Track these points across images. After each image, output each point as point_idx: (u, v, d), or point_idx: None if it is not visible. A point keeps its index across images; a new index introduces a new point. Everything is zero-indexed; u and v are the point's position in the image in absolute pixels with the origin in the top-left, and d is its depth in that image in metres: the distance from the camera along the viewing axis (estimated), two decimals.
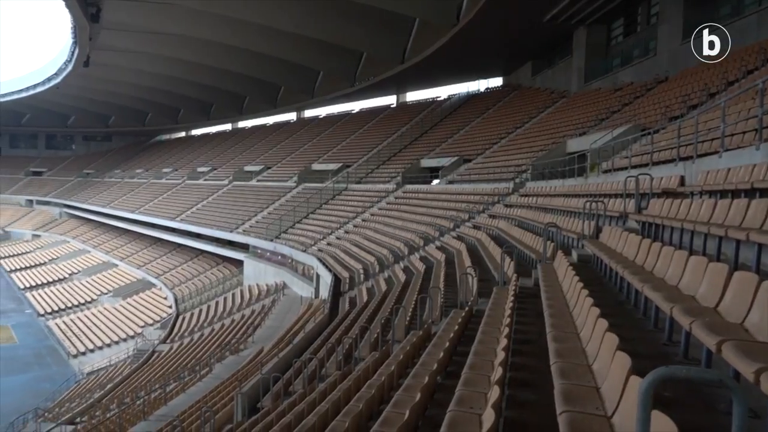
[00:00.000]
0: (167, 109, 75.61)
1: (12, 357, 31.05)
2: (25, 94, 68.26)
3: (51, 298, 43.24)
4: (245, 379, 12.78)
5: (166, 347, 28.11)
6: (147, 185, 65.25)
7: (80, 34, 40.00)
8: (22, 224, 77.73)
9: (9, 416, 22.66)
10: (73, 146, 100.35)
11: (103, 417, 18.04)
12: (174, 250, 49.48)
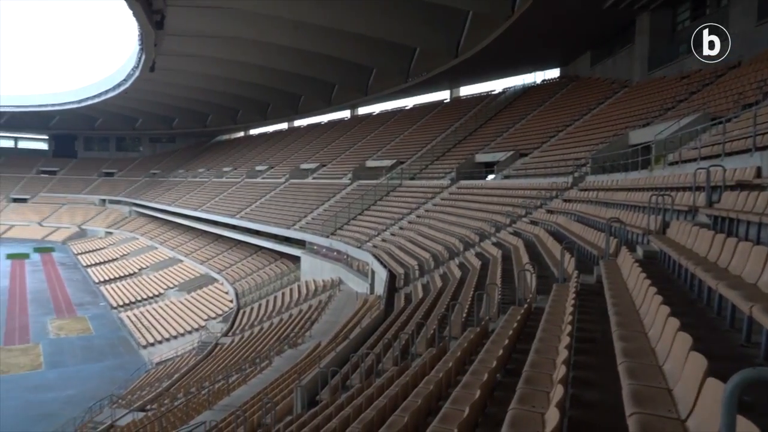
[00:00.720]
0: (226, 110, 78.23)
1: (89, 346, 33.14)
2: (98, 99, 72.40)
3: (123, 291, 45.79)
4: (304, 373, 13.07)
5: (228, 340, 29.14)
6: (209, 184, 67.81)
7: (146, 41, 41.97)
8: (97, 222, 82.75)
9: (87, 401, 24.24)
10: (141, 148, 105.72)
11: (171, 405, 18.94)
12: (234, 246, 51.21)
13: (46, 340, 33.82)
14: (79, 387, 26.77)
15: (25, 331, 35.21)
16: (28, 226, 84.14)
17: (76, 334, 35.40)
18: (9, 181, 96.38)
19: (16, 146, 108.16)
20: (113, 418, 20.56)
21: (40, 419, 23.06)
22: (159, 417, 16.86)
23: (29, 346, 32.50)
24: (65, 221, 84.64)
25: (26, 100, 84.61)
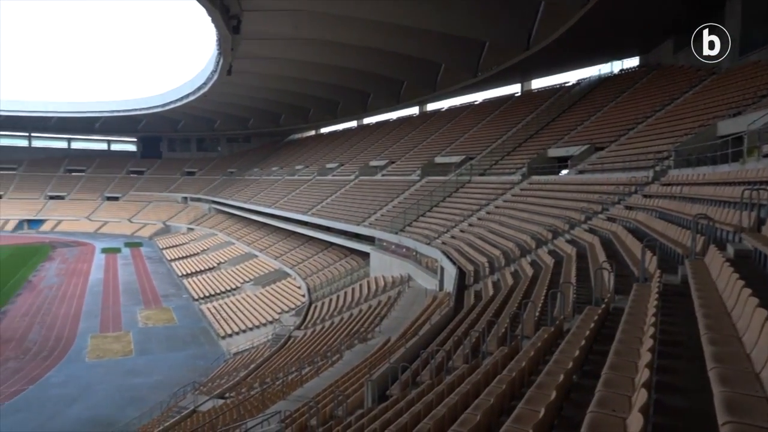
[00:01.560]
0: (298, 110, 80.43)
1: (173, 336, 35.27)
2: (180, 103, 76.65)
3: (203, 284, 48.34)
4: (374, 367, 13.25)
5: (301, 333, 30.03)
6: (282, 182, 70.08)
7: (224, 46, 43.93)
8: (179, 219, 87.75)
9: (172, 387, 25.84)
10: (219, 148, 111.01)
11: (248, 394, 19.80)
12: (306, 242, 52.66)
13: (136, 328, 36.35)
14: (164, 373, 28.57)
15: (117, 320, 38.03)
16: (119, 222, 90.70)
17: (162, 324, 37.78)
18: (103, 181, 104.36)
19: (109, 148, 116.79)
20: (195, 403, 21.76)
21: (131, 402, 24.83)
22: (237, 405, 17.68)
23: (121, 333, 35.07)
24: (152, 218, 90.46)
25: (117, 106, 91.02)
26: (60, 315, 38.57)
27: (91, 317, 38.30)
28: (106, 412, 23.67)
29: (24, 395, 25.08)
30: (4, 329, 34.71)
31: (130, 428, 21.88)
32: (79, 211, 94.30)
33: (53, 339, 33.25)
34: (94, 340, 33.29)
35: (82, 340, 33.17)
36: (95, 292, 45.95)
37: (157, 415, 22.76)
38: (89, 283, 49.40)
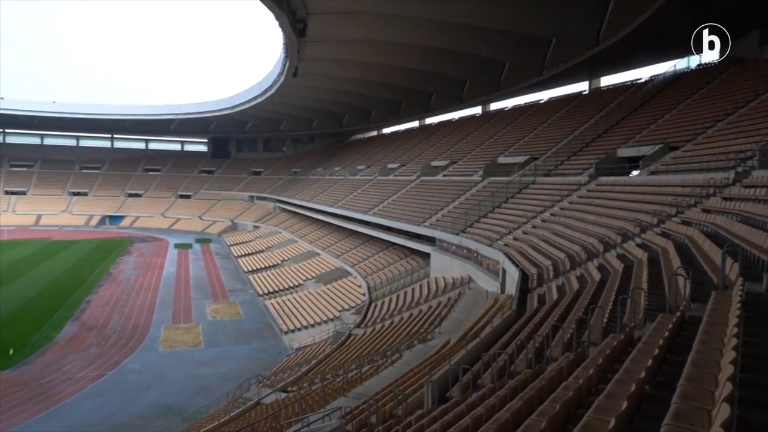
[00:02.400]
0: (361, 111, 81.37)
1: (239, 329, 36.62)
2: (248, 105, 79.47)
3: (267, 281, 49.88)
4: (434, 368, 13.21)
5: (361, 331, 30.37)
6: (344, 182, 71.15)
7: (290, 49, 45.14)
8: (246, 217, 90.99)
9: (237, 378, 26.85)
10: (284, 148, 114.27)
11: (309, 389, 20.26)
12: (367, 241, 53.20)
13: (205, 321, 38.02)
14: (231, 365, 29.72)
15: (188, 313, 39.93)
16: (191, 219, 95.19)
17: (229, 317, 39.31)
18: (176, 180, 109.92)
19: (182, 149, 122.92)
20: (259, 395, 22.50)
21: (200, 391, 26.00)
22: (299, 399, 18.13)
23: (191, 325, 36.79)
24: (220, 215, 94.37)
25: (190, 108, 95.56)
26: (136, 306, 40.99)
27: (165, 309, 40.43)
28: (177, 400, 24.91)
29: (105, 379, 26.84)
30: (87, 317, 37.30)
31: (199, 416, 22.91)
32: (155, 209, 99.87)
33: (130, 328, 35.38)
34: (166, 331, 35.13)
35: (156, 330, 35.09)
36: (168, 285, 48.47)
37: (223, 405, 23.72)
38: (163, 277, 52.18)
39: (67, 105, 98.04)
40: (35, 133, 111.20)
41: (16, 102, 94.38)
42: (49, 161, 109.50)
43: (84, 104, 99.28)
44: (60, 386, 25.76)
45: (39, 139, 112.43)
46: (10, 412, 22.82)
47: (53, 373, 27.35)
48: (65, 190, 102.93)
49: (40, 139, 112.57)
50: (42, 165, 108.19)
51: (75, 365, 28.52)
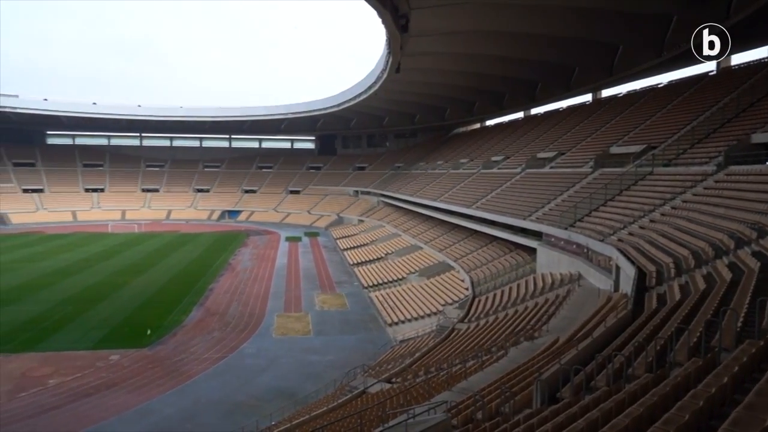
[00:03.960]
0: (463, 103, 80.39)
1: (345, 320, 37.90)
2: (353, 102, 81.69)
3: (372, 273, 51.09)
4: (543, 367, 12.76)
5: (464, 326, 30.12)
6: (446, 175, 70.79)
7: (393, 45, 45.66)
8: (351, 211, 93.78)
9: (344, 367, 27.84)
10: (387, 143, 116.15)
11: (413, 381, 20.47)
12: (470, 236, 52.55)
13: (313, 311, 39.81)
14: (337, 354, 30.87)
15: (298, 302, 42.05)
16: (300, 213, 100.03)
17: (336, 308, 40.83)
18: (286, 176, 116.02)
19: (292, 147, 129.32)
20: (365, 385, 23.14)
21: (309, 377, 27.30)
22: (403, 390, 18.40)
23: (301, 314, 38.71)
24: (327, 210, 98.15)
25: (299, 108, 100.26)
26: (252, 294, 43.92)
27: (277, 298, 42.92)
28: (289, 384, 26.37)
29: (225, 361, 29.10)
30: (210, 304, 40.62)
31: (309, 400, 24.08)
32: (268, 203, 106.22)
33: (247, 315, 37.99)
34: (279, 319, 37.27)
35: (270, 318, 37.37)
36: (280, 276, 51.38)
37: (331, 392, 24.72)
38: (275, 268, 55.41)
39: (192, 110, 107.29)
40: (166, 136, 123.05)
41: (150, 108, 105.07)
42: (178, 161, 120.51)
43: (207, 108, 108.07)
44: (188, 365, 28.34)
45: (169, 141, 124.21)
46: (149, 386, 25.52)
47: (183, 353, 30.15)
48: (191, 187, 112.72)
49: (170, 142, 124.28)
50: (171, 165, 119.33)
51: (200, 347, 31.22)
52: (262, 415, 21.94)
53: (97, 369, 27.29)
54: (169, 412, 22.83)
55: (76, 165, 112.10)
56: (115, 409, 22.95)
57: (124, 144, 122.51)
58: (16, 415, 22.30)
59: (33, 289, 43.58)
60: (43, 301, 39.59)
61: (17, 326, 33.65)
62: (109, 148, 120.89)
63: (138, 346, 30.83)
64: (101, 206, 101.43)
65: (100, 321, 35.19)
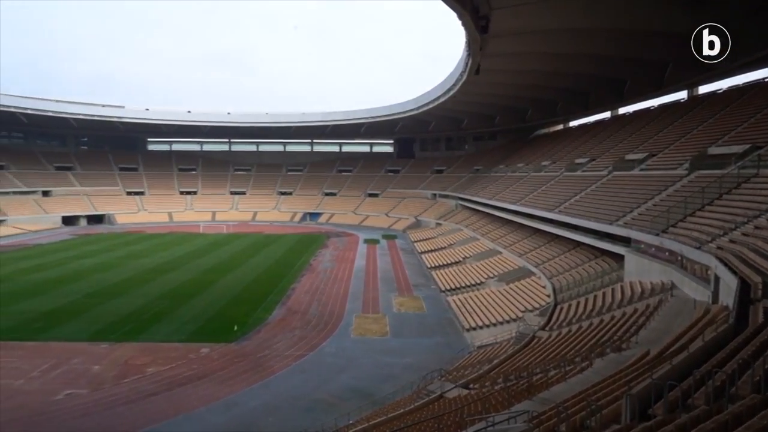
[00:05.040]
0: (545, 104, 77.99)
1: (422, 323, 37.88)
2: (432, 105, 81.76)
3: (449, 277, 50.73)
4: (632, 381, 12.06)
5: (545, 334, 29.13)
6: (527, 178, 68.90)
7: (472, 46, 45.18)
8: (429, 214, 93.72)
9: (420, 370, 27.79)
10: (466, 146, 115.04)
11: (492, 388, 20.08)
12: (552, 240, 50.79)
13: (391, 313, 40.13)
14: (414, 357, 30.89)
15: (375, 304, 42.56)
16: (378, 216, 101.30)
17: (413, 311, 40.91)
18: (365, 179, 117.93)
19: (371, 150, 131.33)
20: (442, 389, 22.98)
21: (386, 378, 27.52)
22: (481, 397, 18.10)
23: (378, 316, 39.14)
24: (405, 213, 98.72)
25: (378, 112, 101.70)
26: (332, 294, 45.02)
27: (355, 299, 43.70)
28: (367, 384, 26.73)
29: (306, 359, 30.02)
30: (292, 303, 42.10)
31: (386, 402, 24.28)
32: (347, 206, 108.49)
33: (327, 314, 38.98)
34: (357, 319, 37.91)
35: (348, 318, 38.11)
36: (359, 278, 52.28)
37: (408, 394, 24.77)
38: (354, 269, 56.46)
39: (276, 116, 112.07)
40: (252, 141, 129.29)
41: (238, 116, 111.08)
42: (263, 165, 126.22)
43: (291, 114, 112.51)
44: (271, 361, 29.52)
45: (255, 146, 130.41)
46: (235, 379, 26.86)
47: (266, 349, 31.46)
48: (275, 190, 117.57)
49: (256, 147, 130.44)
50: (257, 169, 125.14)
51: (283, 344, 32.42)
52: (340, 413, 22.39)
53: (189, 360, 29.10)
54: (254, 405, 23.88)
55: (173, 169, 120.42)
56: (205, 399, 24.34)
57: (215, 149, 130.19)
58: (120, 398, 24.27)
59: (135, 284, 47.27)
60: (143, 296, 42.86)
61: (122, 318, 36.63)
62: (201, 153, 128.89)
63: (225, 340, 32.53)
64: (194, 208, 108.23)
65: (193, 316, 37.51)
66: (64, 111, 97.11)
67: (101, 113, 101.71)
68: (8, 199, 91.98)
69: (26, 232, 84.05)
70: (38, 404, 23.53)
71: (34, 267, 54.54)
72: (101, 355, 29.72)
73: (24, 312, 37.64)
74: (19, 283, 46.97)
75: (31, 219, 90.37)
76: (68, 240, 77.37)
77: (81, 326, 34.63)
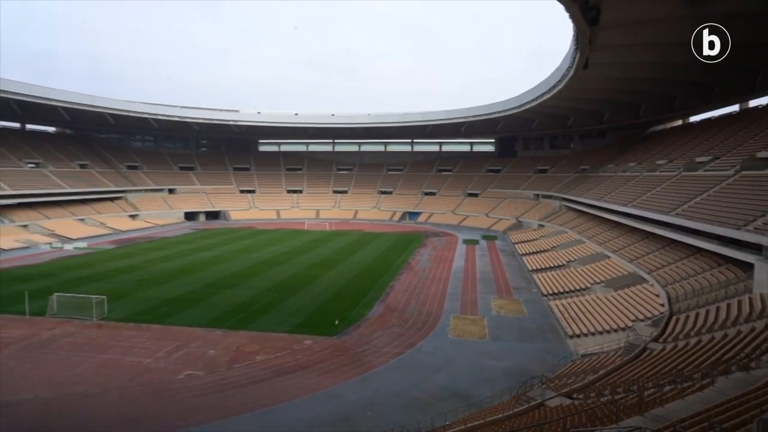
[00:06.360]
0: (662, 98, 72.37)
1: (522, 327, 36.80)
2: (535, 103, 79.05)
3: (552, 281, 48.78)
4: (764, 404, 10.89)
5: (658, 346, 27.08)
6: (639, 178, 64.38)
7: (581, 39, 43.05)
8: (531, 215, 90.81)
9: (520, 376, 27.04)
10: (571, 145, 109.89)
11: (597, 400, 19.04)
12: (667, 246, 47.03)
13: (489, 315, 39.41)
14: (514, 361, 30.10)
15: (474, 305, 42.02)
16: (478, 216, 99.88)
17: (513, 314, 39.87)
18: (465, 179, 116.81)
19: (471, 150, 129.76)
20: (543, 397, 22.18)
21: (483, 381, 27.08)
22: (586, 408, 17.24)
23: (477, 318, 38.61)
24: (505, 213, 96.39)
25: (479, 111, 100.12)
26: (430, 294, 45.12)
27: (453, 299, 43.45)
28: (464, 386, 26.49)
29: (403, 357, 30.37)
30: (391, 300, 42.78)
31: (483, 405, 23.90)
32: (446, 206, 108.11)
33: (425, 314, 39.15)
34: (455, 320, 37.67)
35: (446, 318, 38.00)
36: (457, 278, 51.92)
37: (506, 399, 24.21)
38: (452, 270, 56.16)
39: (378, 116, 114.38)
40: (355, 142, 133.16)
41: (341, 117, 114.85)
42: (364, 165, 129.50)
43: (391, 114, 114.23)
44: (369, 356, 30.23)
45: (357, 146, 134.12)
46: (335, 372, 27.87)
47: (365, 344, 32.27)
48: (375, 189, 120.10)
49: (358, 147, 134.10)
50: (359, 168, 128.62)
51: (381, 340, 33.06)
52: (436, 413, 22.42)
53: (293, 351, 30.64)
54: (353, 398, 24.61)
55: (281, 169, 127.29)
56: (308, 389, 25.50)
57: (319, 150, 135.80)
58: (232, 382, 26.14)
59: (246, 276, 50.62)
60: (253, 287, 45.78)
61: (234, 307, 39.42)
62: (306, 153, 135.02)
63: (327, 334, 33.82)
64: (299, 206, 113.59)
65: (297, 308, 39.42)
66: (188, 116, 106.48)
67: (219, 117, 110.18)
68: (141, 196, 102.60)
69: (154, 225, 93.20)
70: (163, 381, 26.03)
71: (161, 258, 60.32)
72: (216, 340, 32.20)
73: (153, 298, 41.79)
74: (150, 272, 52.19)
75: (159, 214, 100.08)
76: (189, 234, 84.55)
77: (199, 313, 37.75)
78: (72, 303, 37.55)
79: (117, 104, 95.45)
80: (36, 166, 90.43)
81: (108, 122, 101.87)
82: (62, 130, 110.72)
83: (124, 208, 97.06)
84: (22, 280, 47.74)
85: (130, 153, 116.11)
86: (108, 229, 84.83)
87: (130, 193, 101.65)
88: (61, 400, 23.81)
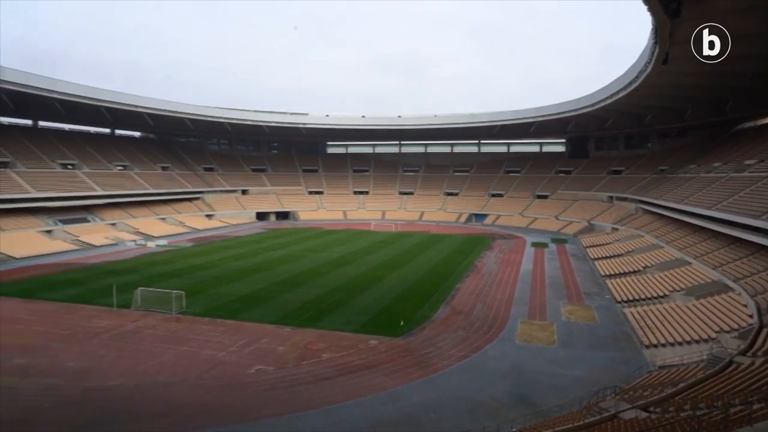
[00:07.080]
0: (751, 93, 67.31)
1: (593, 334, 35.37)
2: (609, 101, 75.75)
3: (627, 287, 46.54)
4: None
5: (747, 360, 25.21)
6: (725, 179, 60.24)
7: (660, 33, 40.87)
8: (604, 218, 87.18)
9: (591, 385, 25.97)
10: (649, 144, 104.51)
11: (677, 415, 18.00)
12: (757, 252, 43.66)
13: (559, 321, 38.17)
14: (584, 370, 28.98)
15: (543, 310, 40.86)
16: (547, 219, 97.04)
17: (584, 321, 38.41)
18: (534, 180, 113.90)
19: (541, 150, 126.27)
20: (616, 408, 21.22)
21: (552, 389, 26.25)
22: (665, 423, 16.35)
23: (545, 323, 37.51)
24: (576, 216, 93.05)
25: (549, 111, 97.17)
26: (497, 298, 44.33)
27: (521, 304, 42.45)
28: (531, 392, 25.82)
29: (469, 360, 30.02)
30: (456, 303, 42.42)
31: (551, 414, 23.19)
32: (514, 208, 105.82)
33: (491, 317, 38.51)
34: (522, 325, 36.80)
35: (513, 323, 37.19)
36: (525, 282, 50.69)
37: (577, 409, 23.36)
38: (520, 273, 54.90)
39: (444, 117, 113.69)
40: (421, 143, 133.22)
41: (408, 118, 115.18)
42: (431, 166, 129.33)
43: (458, 114, 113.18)
44: (434, 359, 30.12)
45: (423, 147, 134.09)
46: (400, 372, 27.99)
47: (430, 346, 32.19)
48: (441, 190, 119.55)
49: (425, 148, 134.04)
50: (425, 170, 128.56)
51: (446, 343, 32.86)
52: (502, 419, 22.02)
53: (358, 350, 31.07)
54: (417, 400, 24.61)
55: (348, 171, 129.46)
56: (372, 389, 25.77)
57: (386, 151, 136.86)
58: (299, 379, 26.89)
59: (314, 275, 51.90)
60: (321, 286, 46.87)
61: (303, 305, 40.54)
62: (373, 155, 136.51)
63: (392, 335, 34.03)
64: (366, 207, 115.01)
65: (363, 308, 39.95)
66: (259, 119, 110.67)
67: (289, 120, 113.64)
68: (216, 197, 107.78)
69: (228, 225, 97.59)
70: (236, 375, 27.20)
71: (235, 256, 63.07)
72: (285, 337, 33.24)
73: (227, 294, 43.77)
74: (224, 269, 54.70)
75: (233, 214, 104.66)
76: (261, 233, 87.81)
77: (269, 310, 39.11)
78: (154, 297, 40.06)
79: (195, 109, 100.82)
80: (123, 168, 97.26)
81: (187, 126, 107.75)
82: (146, 135, 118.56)
83: (201, 208, 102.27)
84: (110, 274, 51.46)
85: (207, 156, 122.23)
86: (186, 227, 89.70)
87: (207, 194, 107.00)
88: (144, 388, 25.44)
